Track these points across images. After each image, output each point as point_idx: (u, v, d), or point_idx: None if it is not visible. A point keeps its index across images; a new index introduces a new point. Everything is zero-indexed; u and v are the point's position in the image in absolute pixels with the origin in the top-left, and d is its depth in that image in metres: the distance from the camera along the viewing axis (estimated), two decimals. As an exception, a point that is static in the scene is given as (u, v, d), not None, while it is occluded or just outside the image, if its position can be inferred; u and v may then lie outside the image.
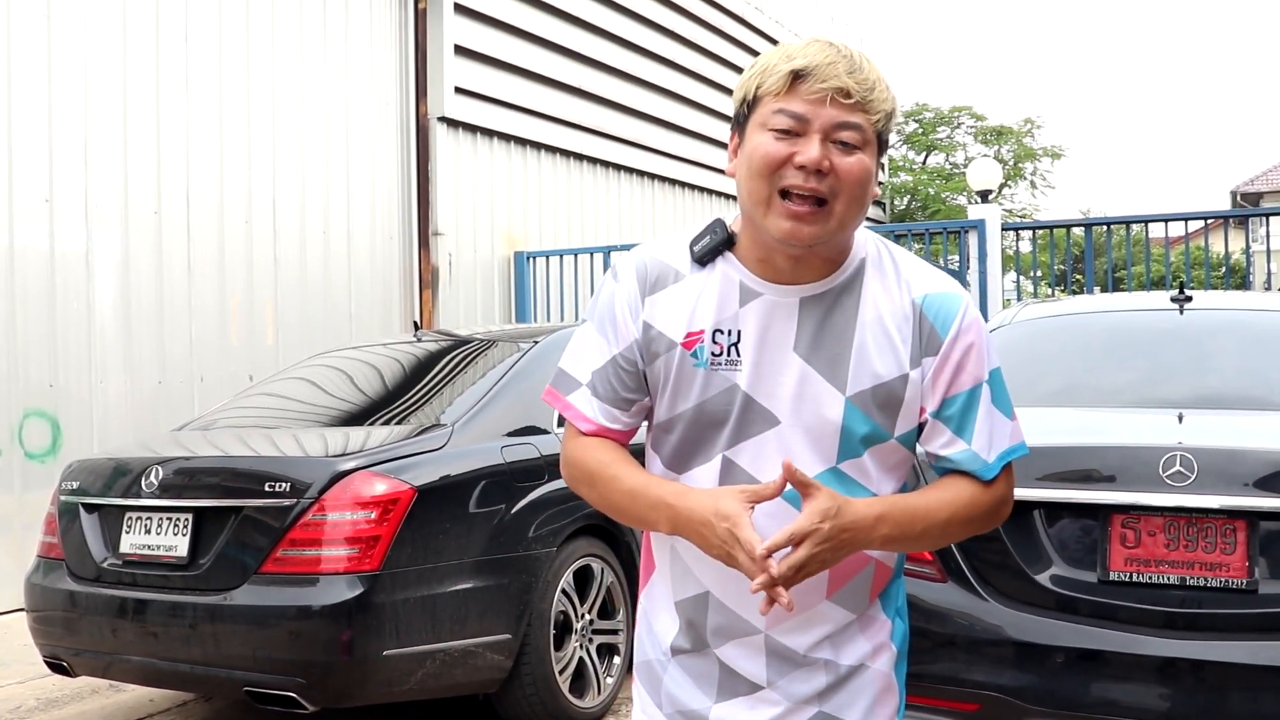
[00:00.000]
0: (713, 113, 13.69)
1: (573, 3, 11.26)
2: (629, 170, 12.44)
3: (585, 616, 4.42)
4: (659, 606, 1.77)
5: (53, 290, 7.03)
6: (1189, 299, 3.88)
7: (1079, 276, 15.16)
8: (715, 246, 1.68)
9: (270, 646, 3.73)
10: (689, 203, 13.59)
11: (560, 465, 1.77)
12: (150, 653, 3.98)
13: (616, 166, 12.21)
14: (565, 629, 4.32)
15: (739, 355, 1.64)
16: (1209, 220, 8.86)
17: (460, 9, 9.92)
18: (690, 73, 13.36)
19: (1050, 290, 11.76)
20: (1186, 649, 2.77)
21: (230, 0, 8.22)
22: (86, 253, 7.23)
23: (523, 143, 10.84)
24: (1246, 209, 15.41)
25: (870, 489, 1.65)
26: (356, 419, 4.55)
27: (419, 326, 6.34)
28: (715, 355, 1.65)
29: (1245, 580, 2.76)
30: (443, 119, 9.84)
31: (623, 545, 4.56)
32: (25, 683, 5.19)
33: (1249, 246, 19.76)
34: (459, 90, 9.92)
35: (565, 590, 4.29)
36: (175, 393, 7.72)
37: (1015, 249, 13.55)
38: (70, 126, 7.13)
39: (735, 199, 1.69)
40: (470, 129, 10.20)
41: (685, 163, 13.28)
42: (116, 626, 4.05)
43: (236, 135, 8.25)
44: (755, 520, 1.54)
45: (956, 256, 9.55)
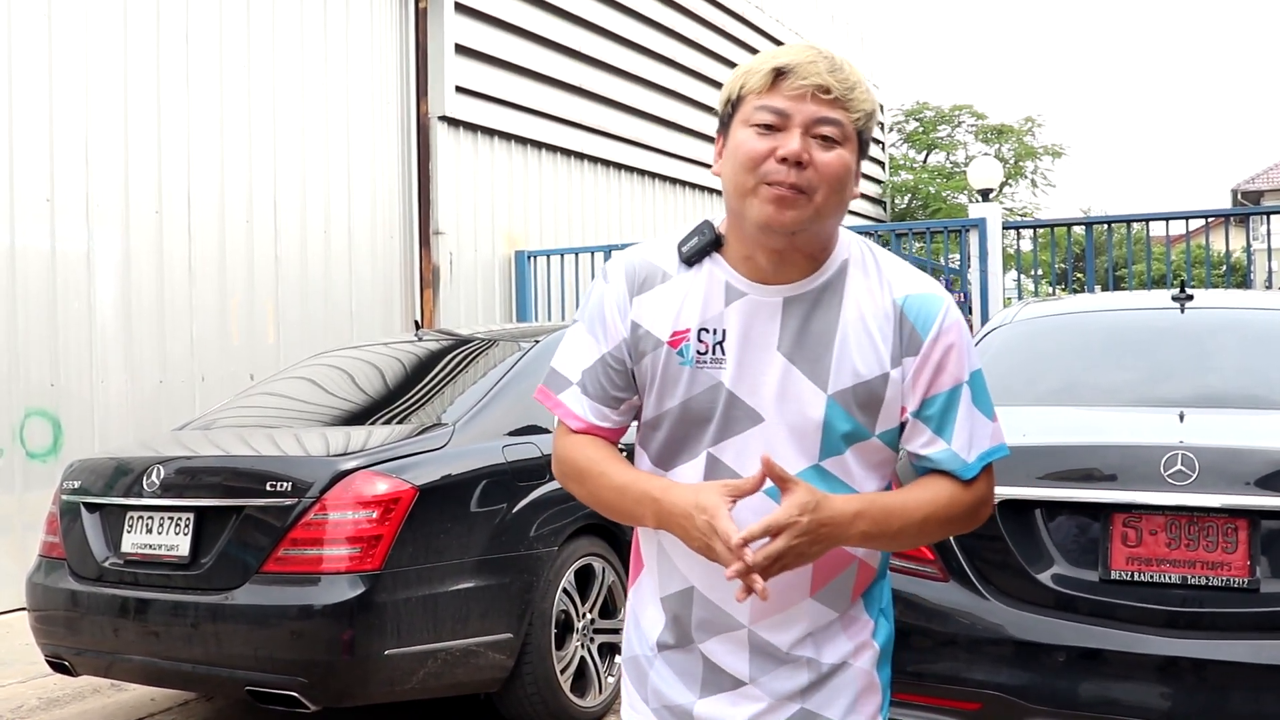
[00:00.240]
0: (713, 112, 13.59)
1: (574, 2, 11.25)
2: (630, 169, 12.44)
3: (586, 616, 4.42)
4: (646, 602, 1.80)
5: (54, 290, 7.04)
6: (1190, 297, 3.88)
7: (1080, 275, 15.16)
8: (703, 247, 1.71)
9: (272, 646, 3.73)
10: (690, 202, 13.59)
11: (551, 462, 1.81)
12: (152, 652, 3.98)
13: (618, 165, 12.21)
14: (567, 628, 4.32)
15: (724, 354, 1.67)
16: (1210, 219, 8.85)
17: (461, 8, 9.92)
18: (691, 72, 13.36)
19: (1051, 289, 11.77)
20: (1188, 648, 2.77)
21: (231, 0, 8.23)
22: (87, 252, 7.23)
23: (524, 142, 10.84)
24: (1247, 207, 15.40)
25: (853, 487, 1.67)
26: (358, 418, 4.55)
27: (420, 326, 6.34)
28: (700, 353, 1.68)
29: (1246, 579, 2.76)
30: (443, 118, 9.84)
31: (624, 545, 4.55)
32: (27, 682, 5.19)
33: (1250, 245, 19.76)
34: (460, 89, 9.92)
35: (567, 589, 4.30)
36: (176, 392, 7.73)
37: (1016, 248, 13.58)
38: (71, 126, 7.13)
39: (730, 198, 1.70)
40: (471, 128, 10.20)
41: (686, 162, 13.28)
42: (118, 626, 4.05)
43: (237, 135, 8.25)
44: (738, 515, 1.56)
45: (957, 255, 9.55)
